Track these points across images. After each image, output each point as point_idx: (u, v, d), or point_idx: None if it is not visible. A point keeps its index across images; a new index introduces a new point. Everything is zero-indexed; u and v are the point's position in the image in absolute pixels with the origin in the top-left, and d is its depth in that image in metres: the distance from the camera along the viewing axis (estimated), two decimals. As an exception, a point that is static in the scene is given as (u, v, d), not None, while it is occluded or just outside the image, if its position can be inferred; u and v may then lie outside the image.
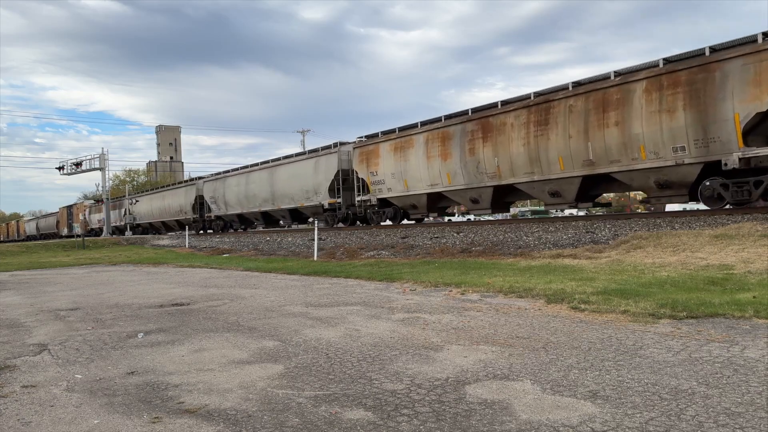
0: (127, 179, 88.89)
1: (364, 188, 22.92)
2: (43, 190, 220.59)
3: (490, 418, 3.27)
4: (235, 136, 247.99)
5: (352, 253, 17.21)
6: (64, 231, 59.33)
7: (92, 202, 57.08)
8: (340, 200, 24.20)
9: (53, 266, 21.07)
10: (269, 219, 31.54)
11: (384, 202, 22.34)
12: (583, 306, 6.50)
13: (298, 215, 28.54)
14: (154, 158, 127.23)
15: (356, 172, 23.15)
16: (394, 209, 22.20)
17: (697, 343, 4.73)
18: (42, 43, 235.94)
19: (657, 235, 11.74)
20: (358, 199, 23.24)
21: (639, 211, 42.04)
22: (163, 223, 42.12)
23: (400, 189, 20.91)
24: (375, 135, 22.53)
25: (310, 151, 26.81)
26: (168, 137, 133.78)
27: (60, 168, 46.39)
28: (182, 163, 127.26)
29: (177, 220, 39.33)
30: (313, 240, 18.75)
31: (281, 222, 31.61)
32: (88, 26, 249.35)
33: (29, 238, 71.17)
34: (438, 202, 20.81)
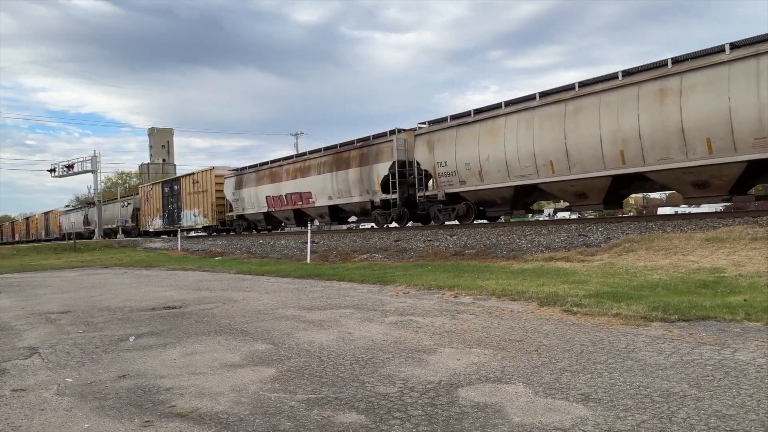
0: (120, 181, 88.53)
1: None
2: (35, 192, 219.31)
3: (483, 421, 3.27)
4: (228, 139, 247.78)
5: (345, 255, 17.20)
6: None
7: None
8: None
9: (44, 269, 20.93)
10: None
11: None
12: (575, 309, 6.52)
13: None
14: (147, 160, 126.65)
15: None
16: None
17: (689, 345, 4.75)
18: (33, 44, 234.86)
19: (649, 238, 11.79)
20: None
21: (631, 214, 42.26)
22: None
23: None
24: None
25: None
26: (161, 139, 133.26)
27: (51, 170, 46.12)
28: (175, 165, 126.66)
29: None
30: (306, 243, 18.72)
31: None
32: (79, 27, 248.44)
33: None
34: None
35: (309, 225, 21.24)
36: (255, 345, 5.64)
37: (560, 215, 34.06)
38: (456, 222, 19.55)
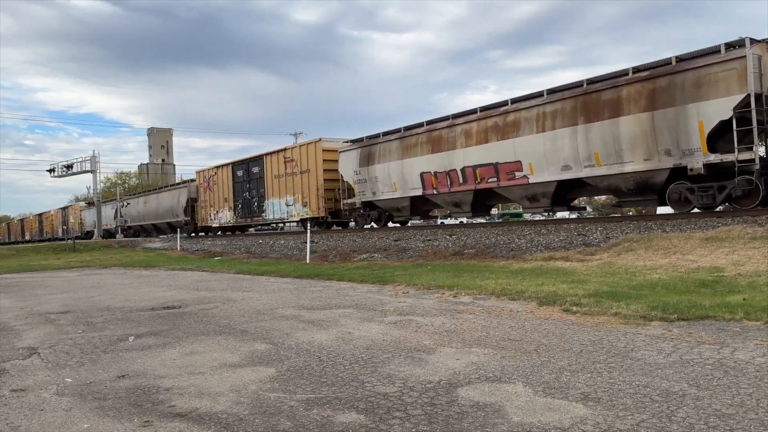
0: (119, 181, 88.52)
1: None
2: (34, 193, 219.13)
3: (482, 421, 3.27)
4: (227, 139, 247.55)
5: (345, 255, 17.20)
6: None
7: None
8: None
9: (43, 269, 20.92)
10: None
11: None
12: (574, 308, 6.53)
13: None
14: (146, 160, 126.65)
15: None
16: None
17: (688, 345, 4.75)
18: (32, 44, 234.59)
19: (648, 237, 11.80)
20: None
21: (630, 213, 42.20)
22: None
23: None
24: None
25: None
26: (160, 139, 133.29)
27: (51, 170, 46.08)
28: (174, 165, 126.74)
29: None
30: (306, 243, 18.72)
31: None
32: (78, 27, 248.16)
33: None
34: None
35: (308, 226, 20.83)
36: (254, 345, 5.64)
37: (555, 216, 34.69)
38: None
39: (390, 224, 22.72)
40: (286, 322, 6.84)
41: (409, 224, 22.66)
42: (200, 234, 35.33)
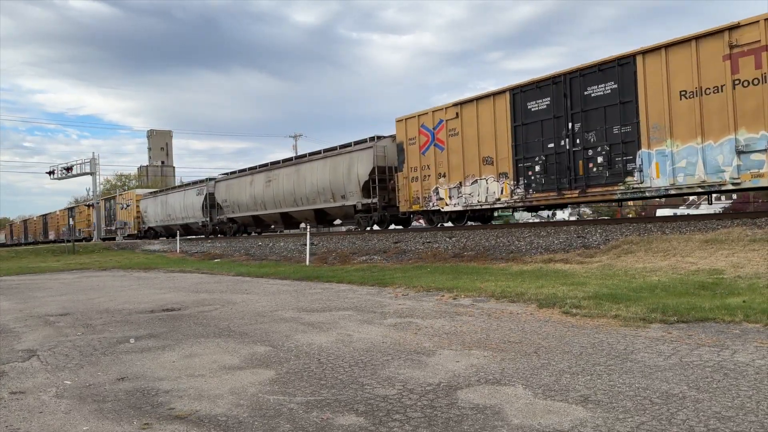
0: (118, 184, 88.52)
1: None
2: (33, 195, 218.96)
3: (482, 423, 3.27)
4: (226, 141, 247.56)
5: (345, 257, 17.19)
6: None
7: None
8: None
9: (42, 271, 20.91)
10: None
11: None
12: (574, 310, 6.52)
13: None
14: (146, 162, 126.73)
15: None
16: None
17: (688, 347, 4.75)
18: (30, 46, 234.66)
19: (648, 239, 11.80)
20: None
21: (630, 216, 42.26)
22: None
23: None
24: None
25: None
26: (159, 141, 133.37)
27: (50, 172, 46.08)
28: (173, 167, 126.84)
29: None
30: (305, 245, 18.71)
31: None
32: (76, 28, 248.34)
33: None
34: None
35: (308, 227, 20.94)
36: (254, 347, 5.64)
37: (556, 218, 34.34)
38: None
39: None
40: (285, 325, 6.84)
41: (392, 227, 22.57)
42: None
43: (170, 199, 37.57)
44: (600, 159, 14.01)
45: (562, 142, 14.79)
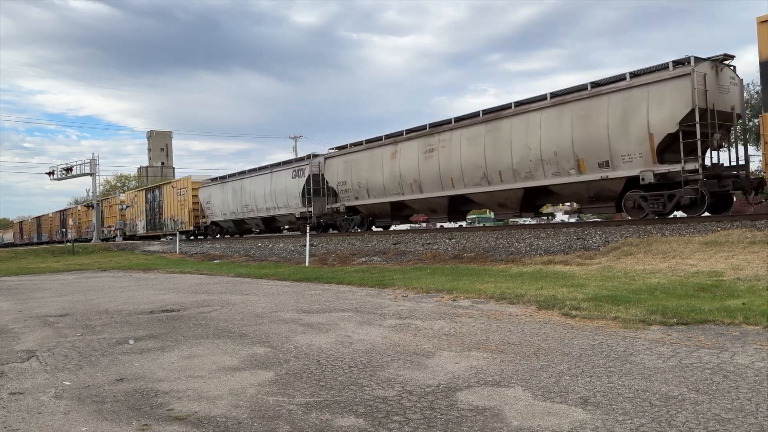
0: (118, 184, 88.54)
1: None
2: (33, 196, 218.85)
3: (482, 425, 3.26)
4: (226, 142, 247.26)
5: (344, 259, 17.19)
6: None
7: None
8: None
9: (42, 272, 20.90)
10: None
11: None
12: (574, 312, 6.52)
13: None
14: (145, 163, 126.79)
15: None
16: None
17: (687, 349, 4.75)
18: (30, 46, 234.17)
19: (647, 241, 11.80)
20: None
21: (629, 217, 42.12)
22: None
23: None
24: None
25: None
26: (159, 142, 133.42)
27: (50, 173, 46.09)
28: (173, 168, 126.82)
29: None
30: (305, 246, 18.71)
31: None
32: (76, 29, 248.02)
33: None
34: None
35: (308, 229, 20.87)
36: (253, 348, 5.64)
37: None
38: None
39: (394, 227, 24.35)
40: (285, 326, 6.84)
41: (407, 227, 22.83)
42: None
43: (248, 184, 29.46)
44: None
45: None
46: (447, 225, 23.74)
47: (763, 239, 10.13)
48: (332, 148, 24.30)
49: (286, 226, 29.29)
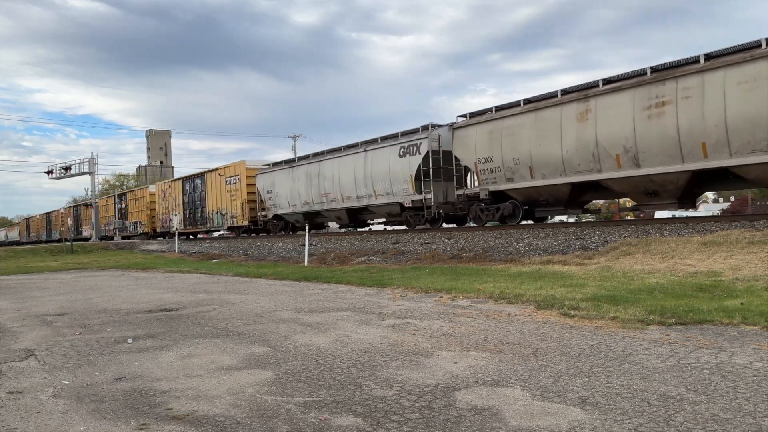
0: (117, 183, 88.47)
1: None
2: (31, 194, 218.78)
3: (480, 425, 3.26)
4: (225, 141, 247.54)
5: (343, 258, 17.19)
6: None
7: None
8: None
9: (41, 271, 20.87)
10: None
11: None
12: (572, 312, 6.53)
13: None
14: (144, 162, 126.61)
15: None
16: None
17: (686, 349, 4.75)
18: (29, 45, 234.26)
19: (646, 241, 11.81)
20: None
21: (628, 217, 42.23)
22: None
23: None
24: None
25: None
26: (158, 141, 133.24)
27: (49, 172, 46.02)
28: (173, 167, 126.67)
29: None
30: (304, 245, 18.71)
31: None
32: (75, 28, 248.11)
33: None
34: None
35: (307, 228, 20.49)
36: (252, 348, 5.63)
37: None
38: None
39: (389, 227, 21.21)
40: (283, 325, 6.83)
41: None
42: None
43: (328, 167, 23.34)
44: None
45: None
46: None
47: (762, 239, 10.14)
48: (461, 116, 18.29)
49: (381, 220, 23.32)
